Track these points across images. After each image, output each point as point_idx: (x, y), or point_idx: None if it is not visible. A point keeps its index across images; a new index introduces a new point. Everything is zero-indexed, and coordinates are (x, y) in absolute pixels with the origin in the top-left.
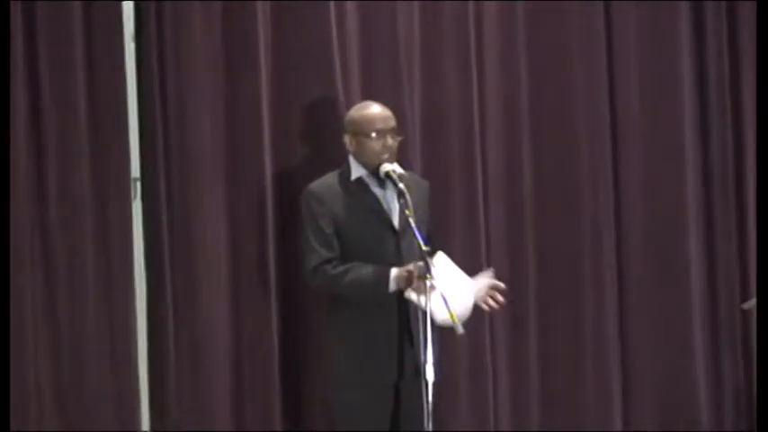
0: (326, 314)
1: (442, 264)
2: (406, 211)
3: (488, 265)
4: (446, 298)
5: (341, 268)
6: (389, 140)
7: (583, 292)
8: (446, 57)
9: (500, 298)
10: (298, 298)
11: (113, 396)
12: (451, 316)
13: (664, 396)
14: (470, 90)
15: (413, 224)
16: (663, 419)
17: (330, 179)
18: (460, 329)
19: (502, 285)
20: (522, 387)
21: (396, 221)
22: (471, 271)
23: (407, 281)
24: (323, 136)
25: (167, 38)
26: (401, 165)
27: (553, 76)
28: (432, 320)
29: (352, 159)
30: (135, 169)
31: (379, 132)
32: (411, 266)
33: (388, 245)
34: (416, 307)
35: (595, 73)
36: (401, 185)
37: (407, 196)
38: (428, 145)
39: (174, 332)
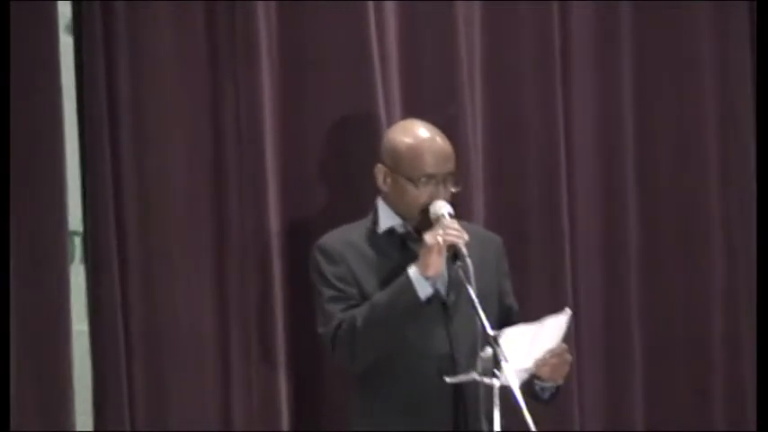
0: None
1: (514, 340)
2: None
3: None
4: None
5: (350, 312)
6: (442, 190)
7: None
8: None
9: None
10: (321, 410)
11: None
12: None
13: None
14: (554, 110)
15: (472, 294)
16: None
17: (350, 231)
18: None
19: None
20: None
21: (443, 291)
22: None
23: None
24: (357, 172)
25: (120, 39)
26: (460, 215)
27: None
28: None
29: (381, 203)
30: (74, 219)
31: (430, 178)
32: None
33: (433, 325)
34: (476, 400)
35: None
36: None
37: (465, 253)
38: (495, 186)
39: None
